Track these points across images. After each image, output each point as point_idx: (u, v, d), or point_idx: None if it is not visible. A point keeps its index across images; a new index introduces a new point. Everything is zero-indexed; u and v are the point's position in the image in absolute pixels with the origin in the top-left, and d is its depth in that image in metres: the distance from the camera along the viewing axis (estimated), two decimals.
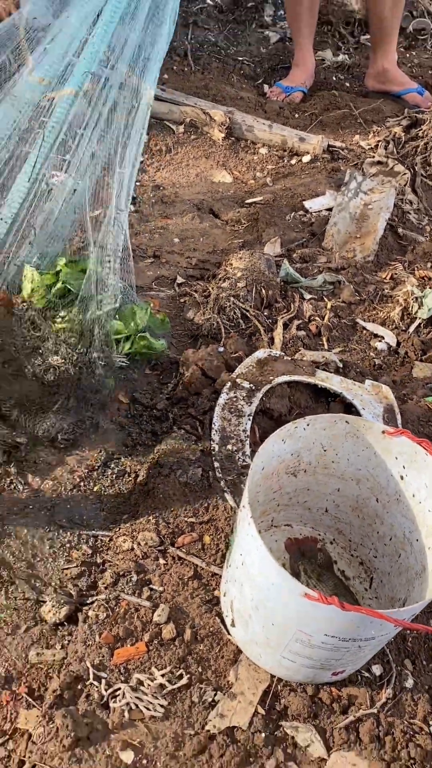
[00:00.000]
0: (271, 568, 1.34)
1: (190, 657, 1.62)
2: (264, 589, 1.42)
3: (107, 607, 1.68)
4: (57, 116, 2.43)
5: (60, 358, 2.25)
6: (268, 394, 2.15)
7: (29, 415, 2.13)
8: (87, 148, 2.46)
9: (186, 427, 2.12)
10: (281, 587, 1.36)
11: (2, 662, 1.64)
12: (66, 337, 2.24)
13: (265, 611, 1.44)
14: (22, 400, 2.15)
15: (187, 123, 3.43)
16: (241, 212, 3.09)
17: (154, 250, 2.85)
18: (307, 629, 1.40)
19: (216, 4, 4.43)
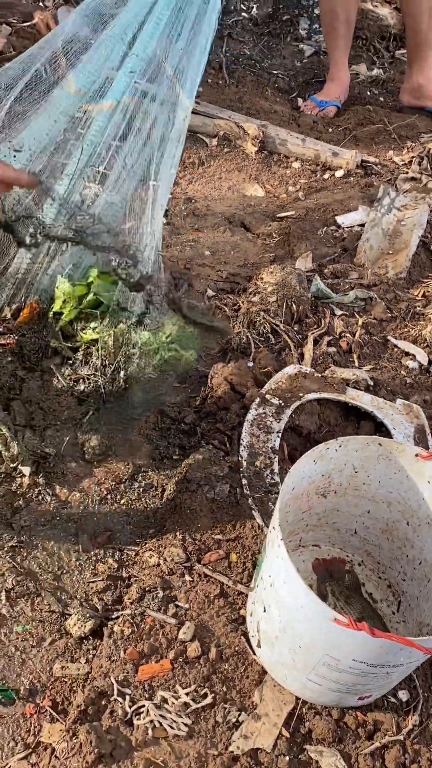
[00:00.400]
0: (301, 591, 1.33)
1: (215, 676, 1.61)
2: (292, 611, 1.40)
3: (132, 622, 1.68)
4: (95, 129, 2.45)
5: (90, 369, 2.26)
6: (297, 410, 2.14)
7: (58, 426, 2.14)
8: (123, 161, 2.47)
9: (214, 442, 2.12)
10: (310, 610, 1.34)
11: (27, 674, 1.64)
12: (96, 348, 2.25)
13: (293, 633, 1.43)
14: (51, 411, 2.16)
15: (220, 136, 3.44)
16: (273, 226, 3.09)
17: (185, 262, 2.86)
18: (335, 653, 1.38)
19: (251, 18, 4.44)
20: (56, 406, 2.17)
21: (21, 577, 1.79)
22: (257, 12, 4.49)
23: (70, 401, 2.20)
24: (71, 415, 2.17)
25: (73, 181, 2.45)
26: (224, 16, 4.36)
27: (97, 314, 2.26)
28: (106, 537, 1.92)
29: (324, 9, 3.76)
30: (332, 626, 1.31)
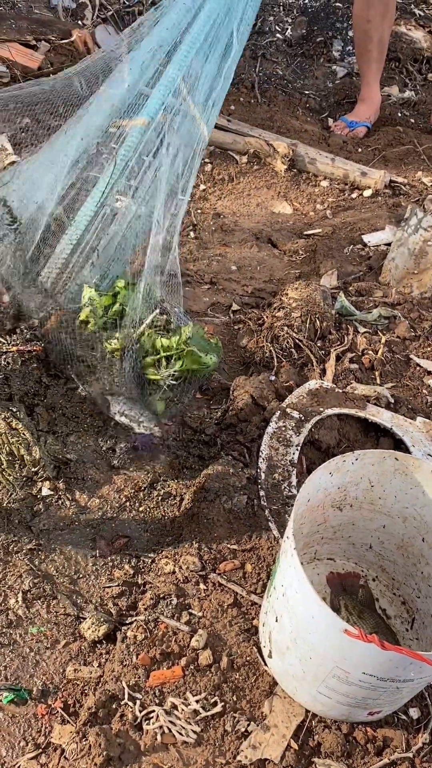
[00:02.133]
0: (313, 601, 1.33)
1: (226, 685, 1.62)
2: (304, 622, 1.41)
3: (146, 628, 1.69)
4: (128, 144, 2.50)
5: (113, 377, 2.29)
6: (317, 425, 2.15)
7: (80, 433, 2.17)
8: (152, 176, 2.52)
9: (233, 454, 2.13)
10: (321, 621, 1.35)
11: (40, 675, 1.66)
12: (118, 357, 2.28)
13: (304, 644, 1.44)
14: (73, 418, 2.20)
15: (250, 153, 3.48)
16: (300, 243, 3.11)
17: (212, 276, 2.89)
18: (345, 666, 1.38)
19: (285, 39, 4.50)
20: (79, 413, 2.20)
21: (38, 579, 1.81)
22: (291, 33, 4.55)
23: (92, 408, 2.23)
24: (93, 422, 2.20)
25: (105, 193, 2.50)
26: (258, 36, 4.43)
27: (124, 324, 2.29)
28: (124, 543, 1.94)
29: (357, 30, 3.80)
30: (343, 637, 1.32)
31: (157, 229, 2.53)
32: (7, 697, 1.60)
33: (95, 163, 2.54)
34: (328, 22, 4.65)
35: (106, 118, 2.55)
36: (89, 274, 2.44)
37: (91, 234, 2.47)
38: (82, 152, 2.54)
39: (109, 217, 2.48)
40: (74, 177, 2.53)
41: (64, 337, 2.37)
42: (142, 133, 2.53)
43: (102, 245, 2.47)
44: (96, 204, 2.49)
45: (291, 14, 4.66)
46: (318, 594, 1.34)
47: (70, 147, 2.51)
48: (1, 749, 1.54)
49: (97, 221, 2.48)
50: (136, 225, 2.53)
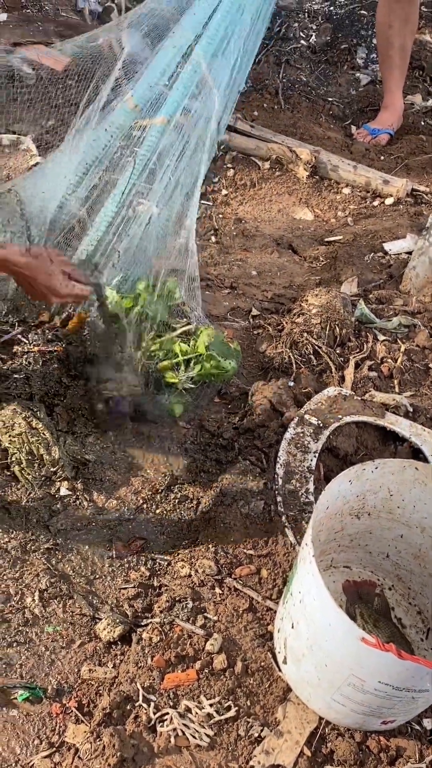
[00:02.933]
0: (330, 609, 1.34)
1: (240, 690, 1.62)
2: (320, 628, 1.41)
3: (161, 630, 1.70)
4: (148, 144, 2.51)
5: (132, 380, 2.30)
6: (335, 432, 2.15)
7: (98, 434, 2.18)
8: (172, 177, 2.53)
9: (251, 459, 2.13)
10: (339, 629, 1.35)
11: (55, 674, 1.67)
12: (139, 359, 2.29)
13: (320, 652, 1.44)
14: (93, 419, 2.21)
15: (273, 159, 3.48)
16: (320, 250, 3.11)
17: (232, 281, 2.90)
18: (360, 674, 1.38)
19: (309, 45, 4.50)
20: (98, 415, 2.21)
21: (55, 578, 1.82)
22: (315, 40, 4.55)
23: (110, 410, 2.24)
24: (113, 423, 2.21)
25: (125, 194, 2.51)
26: (283, 42, 4.43)
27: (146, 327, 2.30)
28: (140, 545, 1.95)
29: (379, 36, 3.80)
30: (359, 646, 1.32)
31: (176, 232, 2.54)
32: (23, 695, 1.61)
33: (115, 165, 2.55)
34: (353, 29, 4.65)
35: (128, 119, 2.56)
36: (110, 276, 2.45)
37: (112, 235, 2.48)
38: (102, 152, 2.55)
39: (130, 219, 2.49)
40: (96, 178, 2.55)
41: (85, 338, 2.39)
42: (161, 132, 2.54)
43: (123, 247, 2.48)
44: (116, 205, 2.50)
45: (316, 21, 4.67)
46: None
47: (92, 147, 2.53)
48: (16, 747, 1.55)
49: (118, 223, 2.49)
50: (156, 227, 2.54)
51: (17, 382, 2.17)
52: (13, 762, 1.53)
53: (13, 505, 1.94)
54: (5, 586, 1.79)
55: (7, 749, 1.54)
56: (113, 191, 2.54)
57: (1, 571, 1.81)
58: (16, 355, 2.27)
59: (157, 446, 2.21)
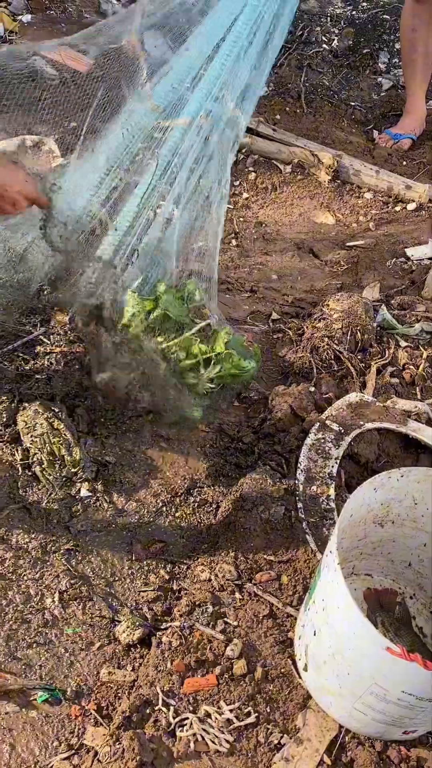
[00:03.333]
0: (355, 617, 1.33)
1: (259, 696, 1.61)
2: (343, 637, 1.40)
3: (181, 634, 1.70)
4: (169, 146, 2.51)
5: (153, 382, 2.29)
6: (356, 438, 2.14)
7: (118, 435, 2.18)
8: (192, 179, 2.53)
9: (271, 464, 2.13)
10: (363, 638, 1.34)
11: (74, 676, 1.67)
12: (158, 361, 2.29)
13: (342, 660, 1.43)
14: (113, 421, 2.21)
15: (294, 163, 3.48)
16: (341, 254, 3.10)
17: (252, 284, 2.89)
18: (384, 683, 1.37)
19: (332, 49, 4.49)
20: (119, 416, 2.21)
21: (75, 580, 1.82)
22: (338, 44, 4.54)
23: (131, 411, 2.24)
24: (132, 426, 2.21)
25: (146, 195, 2.51)
26: (305, 46, 4.43)
27: (167, 329, 2.30)
28: (160, 548, 1.95)
29: (403, 39, 3.78)
30: (384, 655, 1.31)
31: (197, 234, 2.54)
32: (42, 696, 1.61)
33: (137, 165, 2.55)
34: (375, 33, 4.64)
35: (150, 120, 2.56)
36: (131, 278, 2.45)
37: (133, 237, 2.48)
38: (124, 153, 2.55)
39: (151, 220, 2.49)
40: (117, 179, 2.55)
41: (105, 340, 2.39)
42: (183, 133, 2.54)
43: (143, 248, 2.48)
44: (137, 206, 2.50)
45: (338, 25, 4.66)
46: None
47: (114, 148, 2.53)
48: (35, 748, 1.55)
49: (138, 224, 2.49)
50: (177, 228, 2.53)
51: (39, 382, 2.18)
52: (32, 763, 1.53)
53: (34, 506, 1.94)
54: (25, 587, 1.79)
55: (27, 750, 1.54)
56: (134, 192, 2.53)
57: (22, 571, 1.81)
58: (38, 356, 2.27)
59: (176, 449, 2.20)
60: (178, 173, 2.50)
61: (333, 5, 4.77)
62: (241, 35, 2.77)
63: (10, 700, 1.60)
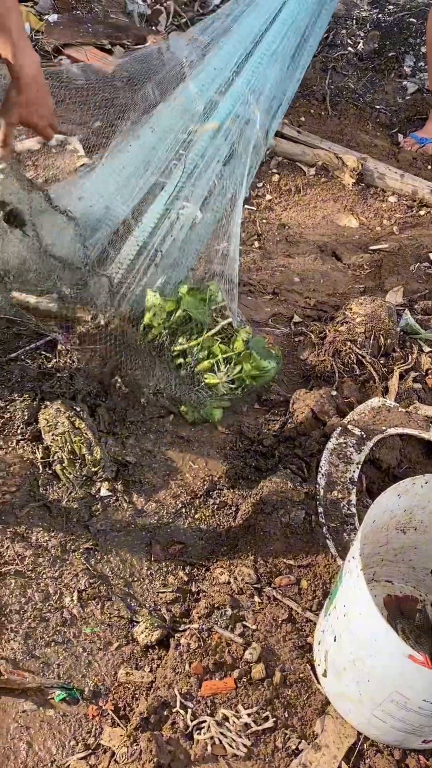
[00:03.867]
0: (377, 624, 1.32)
1: (278, 700, 1.60)
2: (365, 643, 1.39)
3: (200, 637, 1.69)
4: (197, 149, 2.51)
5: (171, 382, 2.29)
6: (378, 444, 2.12)
7: (139, 436, 2.18)
8: (217, 182, 2.53)
9: (292, 467, 2.11)
10: (385, 645, 1.33)
11: (92, 676, 1.67)
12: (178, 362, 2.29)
13: (363, 667, 1.42)
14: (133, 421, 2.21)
15: (318, 166, 3.46)
16: (365, 258, 3.09)
17: (274, 287, 2.88)
18: (405, 691, 1.36)
19: (357, 52, 4.48)
20: (140, 416, 2.21)
21: (94, 579, 1.82)
22: (363, 47, 4.53)
23: (152, 412, 2.24)
24: (153, 426, 2.21)
25: (171, 197, 2.51)
26: (330, 49, 4.42)
27: (188, 329, 2.30)
28: (179, 549, 1.95)
29: (429, 45, 3.77)
30: (406, 663, 1.30)
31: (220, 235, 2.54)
32: (60, 695, 1.61)
33: (164, 167, 2.55)
34: (401, 37, 4.62)
35: (177, 123, 2.57)
36: (153, 278, 2.45)
37: (157, 237, 2.48)
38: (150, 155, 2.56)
39: (175, 222, 2.49)
40: (144, 180, 2.55)
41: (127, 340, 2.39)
42: (211, 137, 2.54)
43: (166, 249, 2.48)
44: (163, 207, 2.50)
45: (363, 28, 4.64)
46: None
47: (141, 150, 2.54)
48: (52, 747, 1.55)
49: (163, 225, 2.49)
50: (200, 230, 2.53)
51: (61, 381, 2.18)
52: (49, 762, 1.53)
53: (54, 504, 1.94)
54: (44, 585, 1.79)
55: (44, 749, 1.54)
56: (160, 194, 2.54)
57: (41, 569, 1.81)
58: (60, 354, 2.27)
59: (196, 450, 2.20)
60: (204, 176, 2.51)
61: (359, 8, 4.76)
62: (275, 40, 2.77)
63: (27, 698, 1.60)
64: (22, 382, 2.17)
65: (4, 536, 1.84)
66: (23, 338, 2.30)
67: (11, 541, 1.84)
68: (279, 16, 2.84)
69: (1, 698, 1.59)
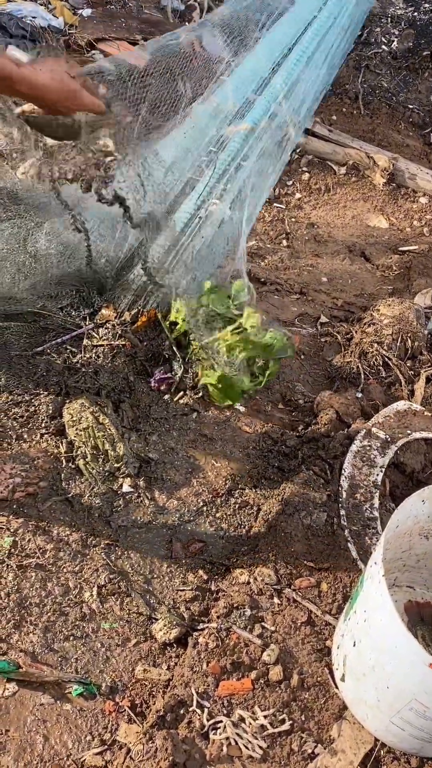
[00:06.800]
0: (399, 631, 1.30)
1: (295, 703, 1.59)
2: (385, 650, 1.38)
3: (218, 636, 1.68)
4: (230, 149, 2.50)
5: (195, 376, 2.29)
6: (403, 447, 2.10)
7: (162, 432, 2.18)
8: (247, 181, 2.51)
9: (314, 469, 2.10)
10: (405, 652, 1.31)
11: (109, 671, 1.67)
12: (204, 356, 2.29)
13: (383, 673, 1.40)
14: (157, 417, 2.21)
15: (349, 165, 3.44)
16: (394, 259, 3.06)
17: (301, 286, 2.87)
18: (425, 700, 1.34)
19: (391, 51, 4.43)
20: (163, 413, 2.21)
21: (114, 575, 1.82)
22: (397, 46, 4.48)
23: (176, 409, 2.24)
24: (176, 424, 2.21)
25: (202, 197, 2.51)
26: (363, 47, 4.38)
27: (213, 326, 2.29)
28: (199, 548, 1.94)
29: None
30: (426, 671, 1.28)
31: (246, 234, 2.52)
32: (77, 690, 1.62)
33: (195, 167, 2.55)
34: None
35: (210, 123, 2.55)
36: (180, 276, 2.45)
37: (187, 236, 2.48)
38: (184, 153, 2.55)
39: (204, 221, 2.49)
40: (173, 178, 2.54)
41: (153, 336, 2.39)
42: (243, 138, 2.53)
43: (195, 248, 2.48)
44: (194, 206, 2.50)
45: (398, 26, 4.59)
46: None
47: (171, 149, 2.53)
48: (68, 741, 1.55)
49: (193, 224, 2.49)
50: (227, 229, 2.53)
51: (86, 376, 2.19)
52: (65, 755, 1.53)
53: (76, 499, 1.95)
54: (65, 579, 1.80)
55: (60, 743, 1.55)
56: (191, 193, 2.53)
57: (62, 563, 1.82)
58: (86, 349, 2.28)
59: (219, 449, 2.19)
60: (235, 176, 2.50)
61: (394, 6, 4.71)
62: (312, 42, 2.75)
63: (45, 691, 1.60)
64: (48, 376, 2.18)
65: (27, 529, 1.85)
66: (50, 332, 2.31)
67: (33, 534, 1.85)
68: (317, 17, 2.81)
69: (20, 690, 1.59)
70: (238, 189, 2.52)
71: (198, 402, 2.26)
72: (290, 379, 2.44)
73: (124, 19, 3.98)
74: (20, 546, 1.81)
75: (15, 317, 2.33)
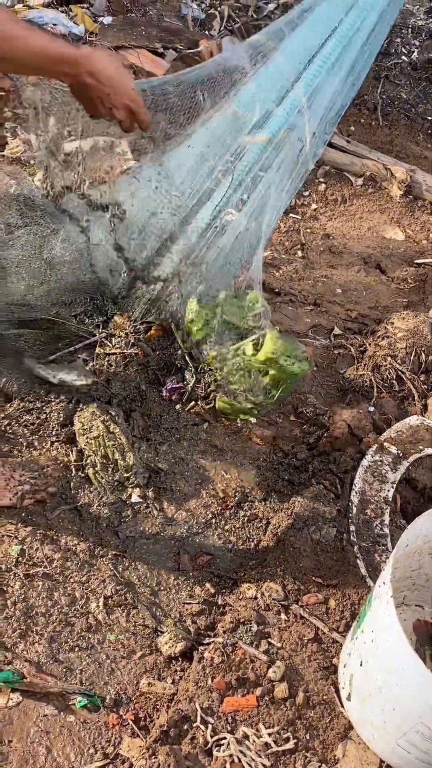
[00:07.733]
0: (406, 654, 1.28)
1: (300, 722, 1.58)
2: (392, 671, 1.36)
3: (223, 651, 1.67)
4: (247, 160, 2.50)
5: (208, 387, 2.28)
6: (415, 463, 2.09)
7: (172, 443, 2.18)
8: (264, 191, 2.51)
9: (325, 483, 2.09)
10: (413, 675, 1.30)
11: (114, 684, 1.66)
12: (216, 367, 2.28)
13: (389, 695, 1.38)
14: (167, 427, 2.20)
15: (366, 176, 3.43)
16: (409, 271, 3.04)
17: (315, 297, 2.86)
18: (431, 723, 1.33)
19: (411, 62, 4.42)
20: (174, 423, 2.20)
21: (120, 586, 1.81)
22: (417, 56, 4.47)
23: (187, 419, 2.23)
24: (187, 434, 2.20)
25: (218, 206, 2.50)
26: (383, 58, 4.37)
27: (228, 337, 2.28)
28: (207, 561, 1.93)
29: None
30: None
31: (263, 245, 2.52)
32: (81, 701, 1.61)
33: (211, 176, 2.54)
34: None
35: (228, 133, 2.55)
36: (195, 286, 2.45)
37: (202, 246, 2.47)
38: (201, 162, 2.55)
39: (219, 230, 2.48)
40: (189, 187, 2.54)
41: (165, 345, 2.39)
42: (261, 149, 2.53)
43: (209, 258, 2.47)
44: (210, 216, 2.49)
45: (419, 37, 4.58)
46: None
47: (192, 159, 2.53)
48: (71, 753, 1.54)
49: (208, 233, 2.48)
50: (243, 239, 2.52)
51: (97, 384, 2.18)
52: None
53: (84, 508, 1.94)
54: (71, 589, 1.79)
55: (62, 755, 1.54)
56: (207, 203, 2.53)
57: (69, 573, 1.81)
58: (98, 357, 2.28)
59: (229, 460, 2.18)
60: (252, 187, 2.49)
61: (415, 16, 4.70)
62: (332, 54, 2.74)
63: (49, 702, 1.60)
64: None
65: (35, 538, 1.85)
66: (63, 340, 2.31)
67: (41, 543, 1.84)
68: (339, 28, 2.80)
69: (24, 701, 1.58)
70: (255, 200, 2.52)
71: (209, 412, 2.25)
72: (302, 391, 2.42)
73: (144, 27, 3.99)
74: (28, 554, 1.81)
75: (29, 324, 2.33)
